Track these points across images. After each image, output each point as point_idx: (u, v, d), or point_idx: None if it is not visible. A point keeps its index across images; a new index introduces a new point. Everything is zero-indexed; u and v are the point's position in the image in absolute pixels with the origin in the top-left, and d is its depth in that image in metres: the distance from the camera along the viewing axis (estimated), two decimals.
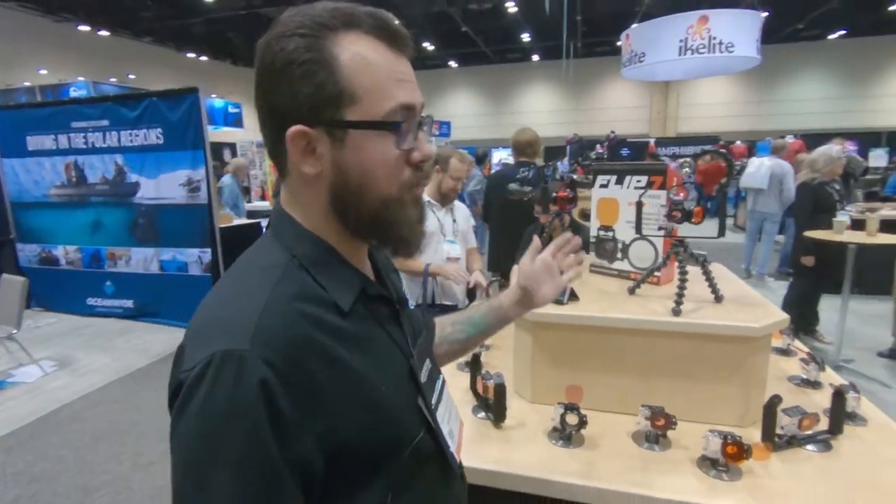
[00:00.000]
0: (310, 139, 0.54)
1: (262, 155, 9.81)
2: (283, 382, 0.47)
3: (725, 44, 5.89)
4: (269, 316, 0.50)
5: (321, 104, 0.53)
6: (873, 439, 1.16)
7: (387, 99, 0.54)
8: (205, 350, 0.48)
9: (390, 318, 0.63)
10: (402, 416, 0.59)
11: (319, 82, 0.52)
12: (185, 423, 0.47)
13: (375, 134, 0.54)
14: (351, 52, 0.53)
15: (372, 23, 0.54)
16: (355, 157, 0.55)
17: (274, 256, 0.57)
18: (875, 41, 14.24)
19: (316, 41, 0.52)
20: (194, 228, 4.48)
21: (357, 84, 0.53)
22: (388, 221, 0.58)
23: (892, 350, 3.75)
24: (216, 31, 13.08)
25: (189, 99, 4.27)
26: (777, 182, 5.52)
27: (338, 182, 0.56)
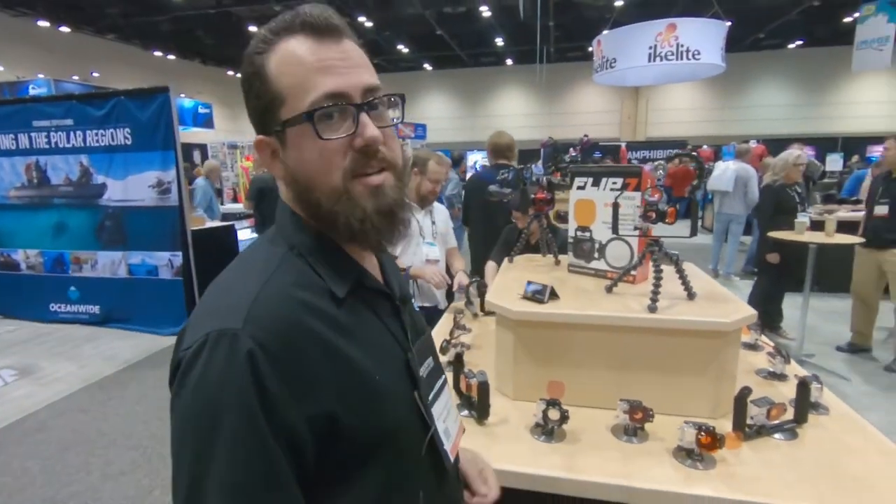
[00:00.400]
0: (272, 146, 0.59)
1: (233, 156, 9.63)
2: (272, 360, 0.49)
3: (692, 51, 6.09)
4: (264, 299, 0.52)
5: (264, 113, 0.58)
6: (835, 427, 1.23)
7: (308, 91, 0.55)
8: (201, 330, 0.51)
9: (390, 313, 0.65)
10: (397, 406, 0.60)
11: (257, 93, 0.57)
12: (182, 397, 0.50)
13: (303, 128, 0.55)
14: (277, 56, 0.56)
15: (301, 21, 0.56)
16: (296, 155, 0.57)
17: (273, 247, 0.60)
18: (831, 51, 14.93)
19: (257, 56, 0.57)
20: (165, 231, 4.37)
21: (282, 85, 0.56)
22: (336, 214, 0.57)
23: (849, 344, 3.94)
24: (184, 29, 12.76)
25: (159, 98, 4.17)
26: (742, 185, 5.74)
27: (293, 182, 0.59)
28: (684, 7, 10.65)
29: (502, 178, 1.80)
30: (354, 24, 12.27)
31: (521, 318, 1.34)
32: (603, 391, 1.30)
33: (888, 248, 3.49)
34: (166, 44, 14.29)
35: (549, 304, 1.36)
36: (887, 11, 8.25)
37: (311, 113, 0.54)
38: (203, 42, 14.23)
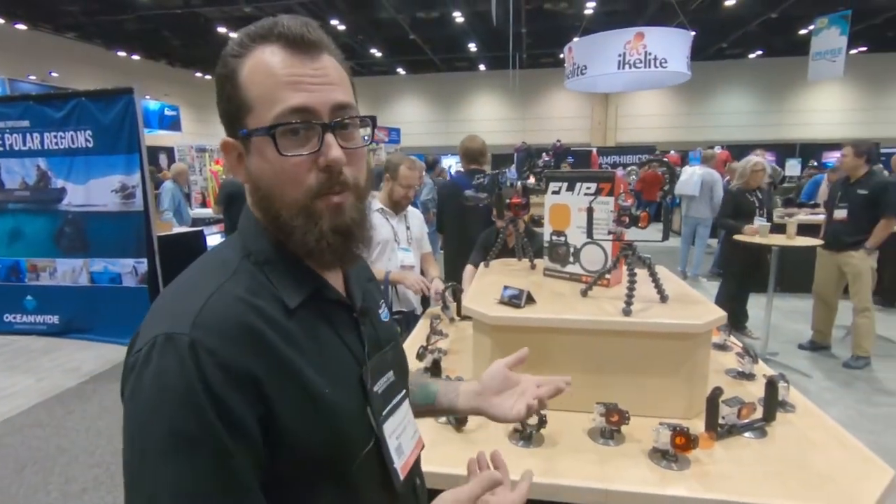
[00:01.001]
0: (238, 150, 0.59)
1: (202, 160, 9.39)
2: (219, 365, 0.49)
3: (660, 59, 6.27)
4: (213, 304, 0.52)
5: (232, 117, 0.58)
6: (802, 424, 1.27)
7: (274, 104, 0.54)
8: (149, 334, 0.50)
9: (347, 325, 0.63)
10: (347, 421, 0.58)
11: (227, 95, 0.57)
12: (130, 402, 0.49)
13: (266, 140, 0.55)
14: (250, 64, 0.56)
15: (278, 32, 0.56)
16: (258, 164, 0.57)
17: (230, 253, 0.59)
18: (788, 61, 15.59)
19: (231, 59, 0.57)
20: (129, 237, 4.21)
21: (251, 93, 0.56)
22: (292, 228, 0.57)
23: (810, 342, 4.10)
24: (150, 29, 12.39)
25: (123, 100, 4.02)
26: (708, 189, 5.92)
27: (254, 189, 0.59)
28: (651, 16, 10.98)
29: (478, 182, 1.80)
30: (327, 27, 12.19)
31: (497, 324, 1.35)
32: (579, 394, 1.30)
33: (847, 250, 3.65)
34: (131, 44, 13.84)
35: (526, 309, 1.36)
36: (839, 25, 8.68)
37: (273, 127, 0.54)
38: (170, 43, 13.85)
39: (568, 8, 11.51)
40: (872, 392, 3.39)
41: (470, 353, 1.63)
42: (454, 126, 18.52)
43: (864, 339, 3.71)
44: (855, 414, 3.09)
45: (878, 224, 3.54)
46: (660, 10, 10.81)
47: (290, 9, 10.98)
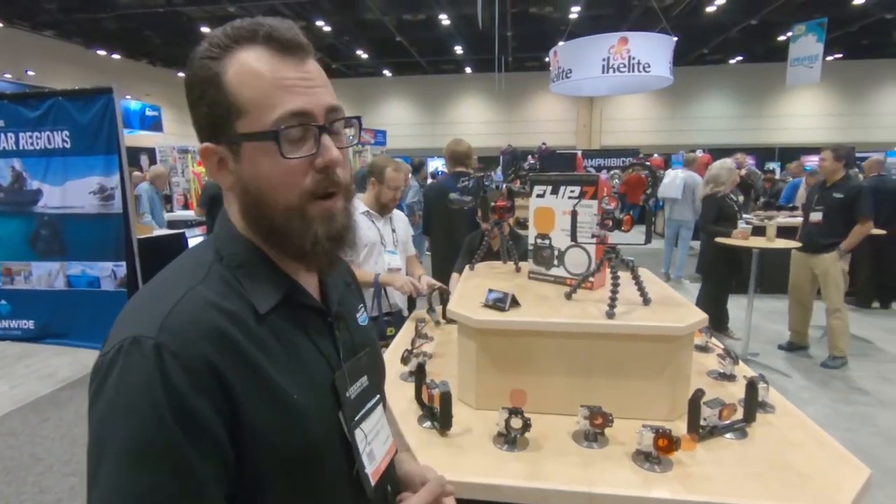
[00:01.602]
0: (220, 154, 0.57)
1: (184, 161, 9.24)
2: (187, 371, 0.48)
3: (643, 64, 6.35)
4: (182, 308, 0.52)
5: (216, 121, 0.56)
6: (781, 425, 1.29)
7: (272, 108, 0.54)
8: (117, 337, 0.51)
9: (320, 330, 0.63)
10: (317, 426, 0.58)
11: (210, 100, 0.55)
12: (93, 405, 0.50)
13: (263, 145, 0.55)
14: (237, 67, 0.55)
15: (265, 33, 0.55)
16: (251, 169, 0.56)
17: (203, 256, 0.59)
18: (767, 67, 15.91)
19: (211, 62, 0.55)
20: (108, 240, 4.11)
21: (243, 97, 0.55)
22: (287, 232, 0.57)
23: (788, 343, 4.18)
24: (131, 28, 12.17)
25: (102, 99, 3.93)
26: (690, 192, 6.01)
27: (242, 194, 0.58)
28: (635, 21, 11.13)
29: (463, 185, 1.80)
30: (312, 28, 12.12)
31: (482, 327, 1.34)
32: (564, 397, 1.31)
33: (821, 252, 3.74)
34: (110, 42, 13.57)
35: (511, 312, 1.36)
36: (816, 32, 8.90)
37: (277, 131, 0.54)
38: (151, 42, 13.62)
39: (553, 12, 11.61)
40: (848, 391, 3.46)
41: (454, 356, 1.62)
42: (440, 128, 18.54)
43: (838, 340, 3.79)
44: (832, 413, 3.15)
45: (853, 227, 3.62)
46: (643, 15, 10.96)
47: (275, 9, 10.89)
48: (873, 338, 4.47)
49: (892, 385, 3.54)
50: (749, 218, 5.65)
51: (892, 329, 4.71)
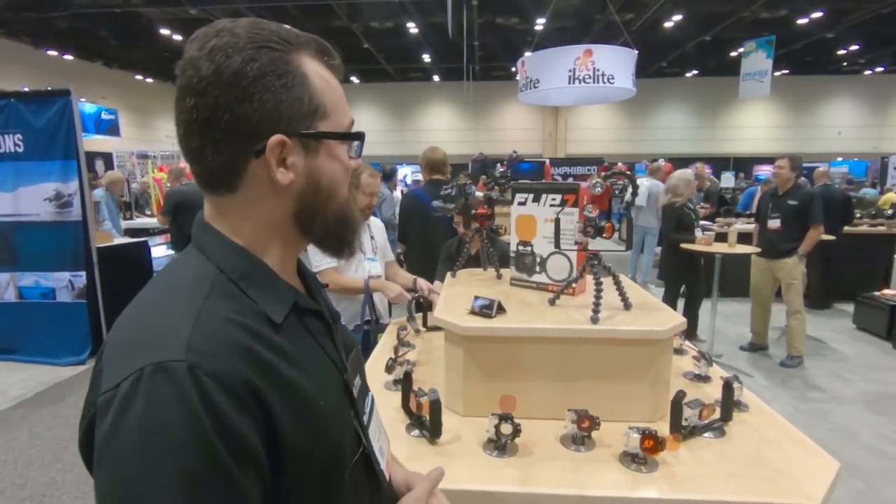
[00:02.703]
0: (284, 149, 0.56)
1: (143, 166, 8.91)
2: (226, 391, 0.46)
3: (607, 75, 6.56)
4: (204, 326, 0.49)
5: (299, 116, 0.56)
6: (756, 423, 1.35)
7: (345, 115, 0.61)
8: (129, 366, 0.46)
9: (323, 333, 0.63)
10: (341, 430, 0.59)
11: (298, 96, 0.55)
12: (120, 444, 0.44)
13: (341, 144, 0.61)
14: (313, 71, 0.58)
15: (316, 46, 0.60)
16: (328, 165, 0.60)
17: (201, 270, 0.55)
18: (721, 80, 16.71)
19: (286, 56, 0.55)
20: (65, 249, 3.93)
21: (326, 100, 0.58)
22: (349, 222, 0.64)
23: (750, 344, 4.37)
24: (85, 28, 11.69)
25: (59, 102, 3.77)
26: (654, 200, 6.23)
27: (309, 189, 0.59)
28: (597, 34, 11.50)
29: (445, 193, 1.81)
30: None
31: (470, 334, 1.35)
32: (550, 402, 1.33)
33: (782, 258, 3.93)
34: (63, 42, 12.97)
35: (498, 319, 1.37)
36: (765, 48, 9.43)
37: (361, 134, 0.63)
38: (107, 43, 13.10)
39: (519, 23, 11.85)
40: (806, 389, 3.65)
41: (438, 363, 1.62)
42: (409, 136, 18.57)
43: (797, 340, 3.99)
44: (792, 410, 3.31)
45: (807, 232, 3.84)
46: (605, 28, 11.33)
47: (239, 13, 10.69)
48: (826, 338, 4.73)
49: (844, 383, 3.75)
50: (707, 224, 5.90)
51: (842, 329, 4.99)
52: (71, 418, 3.23)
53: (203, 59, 0.52)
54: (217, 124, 0.52)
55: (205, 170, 0.56)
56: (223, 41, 0.53)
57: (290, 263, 0.64)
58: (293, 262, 0.65)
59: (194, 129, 0.53)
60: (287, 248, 0.62)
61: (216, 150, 0.54)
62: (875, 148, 16.91)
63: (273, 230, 0.59)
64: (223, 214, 0.58)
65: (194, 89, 0.52)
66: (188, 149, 0.55)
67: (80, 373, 3.91)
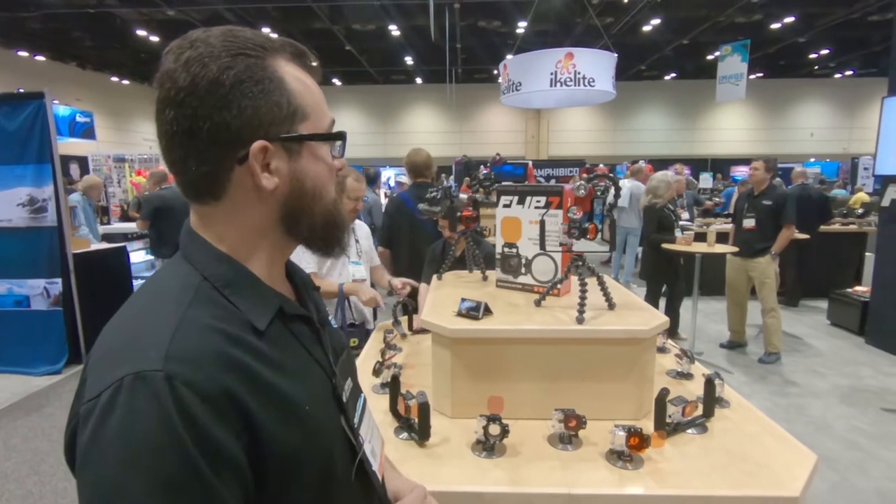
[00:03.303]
0: (267, 154, 0.56)
1: (121, 170, 8.72)
2: (204, 399, 0.46)
3: (588, 78, 6.64)
4: (183, 335, 0.49)
5: (279, 120, 0.56)
6: (737, 418, 1.38)
7: (325, 116, 0.62)
8: (110, 376, 0.46)
9: (311, 338, 0.64)
10: (328, 434, 0.59)
11: (276, 100, 0.56)
12: (99, 453, 0.45)
13: (323, 145, 0.61)
14: (290, 75, 0.58)
15: (292, 50, 0.60)
16: (312, 167, 0.60)
17: (184, 278, 0.56)
18: (699, 83, 17.06)
19: (262, 62, 0.56)
20: (39, 255, 3.82)
21: (305, 102, 0.58)
22: (336, 223, 0.64)
23: (729, 342, 4.47)
24: (58, 28, 11.41)
25: (32, 105, 3.67)
26: (636, 201, 6.32)
27: (295, 192, 0.59)
28: (578, 37, 11.64)
29: (431, 196, 1.82)
30: None
31: (457, 336, 1.36)
32: (538, 402, 1.34)
33: (756, 256, 4.03)
34: (35, 43, 12.63)
35: (484, 321, 1.38)
36: (740, 52, 9.65)
37: (343, 134, 0.63)
38: (81, 44, 12.81)
39: (501, 26, 11.93)
40: (783, 384, 3.74)
41: (426, 366, 1.63)
42: (392, 138, 18.54)
43: (773, 337, 4.09)
44: (770, 405, 3.39)
45: (780, 232, 3.94)
46: (585, 32, 11.49)
47: (218, 14, 10.55)
48: (801, 334, 4.85)
49: (820, 377, 3.85)
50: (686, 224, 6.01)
51: (816, 325, 5.13)
52: (47, 429, 3.15)
53: (179, 70, 0.52)
54: (198, 134, 0.53)
55: (189, 180, 0.56)
56: (198, 52, 0.53)
57: (277, 268, 0.64)
58: (281, 266, 0.65)
59: (176, 140, 0.53)
60: (274, 252, 0.62)
61: (199, 160, 0.54)
62: (845, 149, 17.45)
63: (259, 236, 0.59)
64: (209, 223, 0.58)
65: (173, 101, 0.52)
66: (172, 161, 0.55)
67: (56, 383, 3.80)
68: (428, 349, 1.53)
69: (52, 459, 2.80)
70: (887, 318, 4.40)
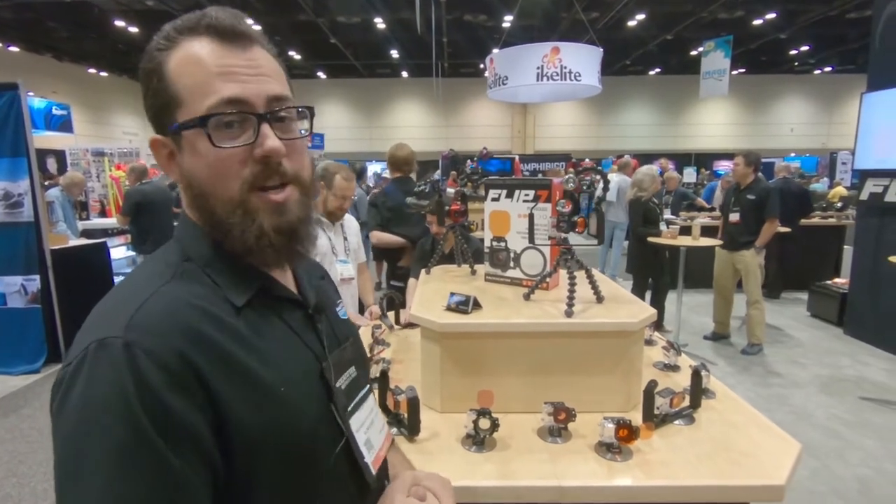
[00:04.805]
0: (169, 147, 0.56)
1: (99, 165, 8.51)
2: (161, 368, 0.46)
3: (574, 73, 6.64)
4: (151, 306, 0.50)
5: (160, 112, 0.56)
6: (723, 409, 1.40)
7: (207, 95, 0.53)
8: (81, 344, 0.48)
9: (304, 323, 0.63)
10: (308, 417, 0.57)
11: (154, 90, 0.55)
12: (63, 418, 0.46)
13: (198, 133, 0.53)
14: (178, 56, 0.54)
15: (207, 23, 0.55)
16: (191, 160, 0.55)
17: (168, 258, 0.57)
18: (683, 78, 17.23)
19: (158, 53, 0.55)
20: (15, 252, 3.72)
21: (181, 85, 0.54)
22: (231, 225, 0.55)
23: (713, 333, 4.54)
24: (31, 18, 11.06)
25: (5, 97, 3.56)
26: (623, 195, 6.36)
27: (188, 187, 0.57)
28: (564, 32, 11.66)
29: (419, 190, 1.81)
30: None
31: (446, 330, 1.35)
32: (527, 396, 1.34)
33: (740, 249, 4.10)
34: (7, 33, 12.24)
35: (474, 314, 1.38)
36: (723, 48, 9.77)
37: (206, 118, 0.52)
38: (56, 34, 12.45)
39: (487, 20, 11.89)
40: (766, 375, 3.82)
41: (414, 361, 1.62)
42: (378, 132, 18.42)
43: (756, 328, 4.17)
44: (753, 395, 3.45)
45: (764, 226, 4.01)
46: (571, 27, 11.51)
47: (200, 5, 10.33)
48: (783, 325, 4.95)
49: (801, 368, 3.94)
50: (671, 219, 6.08)
51: (797, 317, 5.24)
52: (25, 431, 3.07)
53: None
54: None
55: None
56: (153, 42, 0.56)
57: None
58: None
59: None
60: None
61: None
62: (824, 144, 17.80)
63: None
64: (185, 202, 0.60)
65: None
66: None
67: (34, 382, 3.71)
68: (417, 344, 1.52)
69: (31, 461, 2.73)
70: (864, 310, 4.50)
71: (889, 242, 4.10)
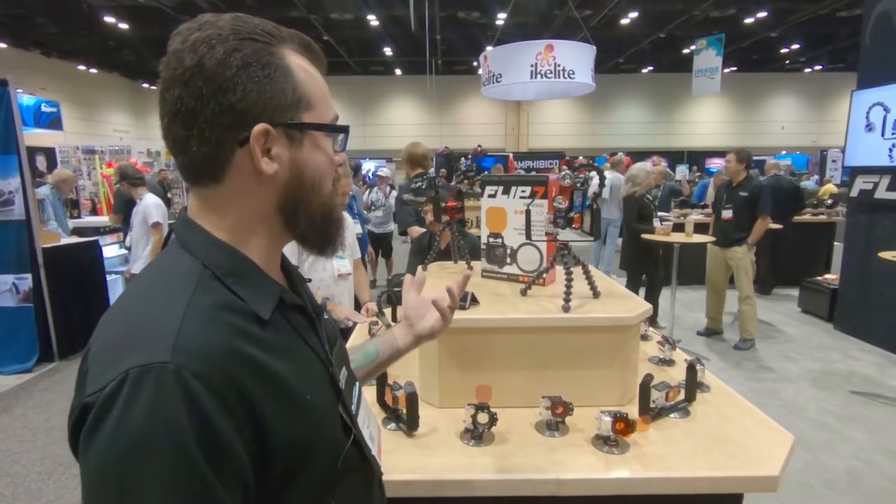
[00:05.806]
0: (268, 139, 0.55)
1: (90, 162, 8.43)
2: (214, 394, 0.45)
3: (568, 71, 6.66)
4: (191, 325, 0.48)
5: (284, 106, 0.56)
6: (717, 402, 1.42)
7: (329, 108, 0.61)
8: (115, 368, 0.45)
9: (307, 327, 0.63)
10: (329, 423, 0.60)
11: (282, 86, 0.55)
12: (100, 447, 0.43)
13: (326, 136, 0.61)
14: (296, 64, 0.58)
15: (299, 41, 0.60)
16: (313, 156, 0.59)
17: (185, 266, 0.54)
18: (675, 76, 17.33)
19: (269, 48, 0.56)
20: (7, 250, 3.68)
21: (310, 92, 0.58)
22: (333, 218, 0.63)
23: (706, 329, 4.58)
24: (19, 14, 10.92)
25: None
26: (616, 192, 6.40)
27: (294, 181, 0.58)
28: (557, 30, 11.68)
29: (416, 186, 1.81)
30: None
31: None
32: (524, 390, 1.35)
33: (732, 246, 4.14)
34: None
35: (471, 310, 1.38)
36: (715, 46, 9.83)
37: (346, 127, 0.62)
38: (45, 30, 12.31)
39: (480, 18, 11.89)
40: (758, 369, 3.86)
41: (412, 357, 1.61)
42: (372, 130, 18.37)
43: (748, 324, 4.21)
44: (745, 390, 3.49)
45: (755, 222, 4.05)
46: (564, 25, 11.53)
47: (191, 2, 10.25)
48: (774, 321, 5.01)
49: (792, 362, 3.99)
50: (665, 215, 6.12)
51: (788, 313, 5.30)
52: (18, 430, 3.05)
53: (186, 51, 0.52)
54: (202, 114, 0.52)
55: (190, 161, 0.55)
56: (206, 33, 0.53)
57: (274, 258, 0.63)
58: (278, 256, 0.64)
59: (178, 119, 0.53)
60: (272, 241, 0.61)
61: (201, 140, 0.53)
62: (814, 142, 17.98)
63: (258, 222, 0.58)
64: (207, 207, 0.57)
65: (178, 80, 0.52)
66: (173, 140, 0.55)
67: (27, 382, 3.68)
68: None
69: (25, 461, 2.72)
70: (854, 305, 4.56)
71: (878, 238, 4.16)
